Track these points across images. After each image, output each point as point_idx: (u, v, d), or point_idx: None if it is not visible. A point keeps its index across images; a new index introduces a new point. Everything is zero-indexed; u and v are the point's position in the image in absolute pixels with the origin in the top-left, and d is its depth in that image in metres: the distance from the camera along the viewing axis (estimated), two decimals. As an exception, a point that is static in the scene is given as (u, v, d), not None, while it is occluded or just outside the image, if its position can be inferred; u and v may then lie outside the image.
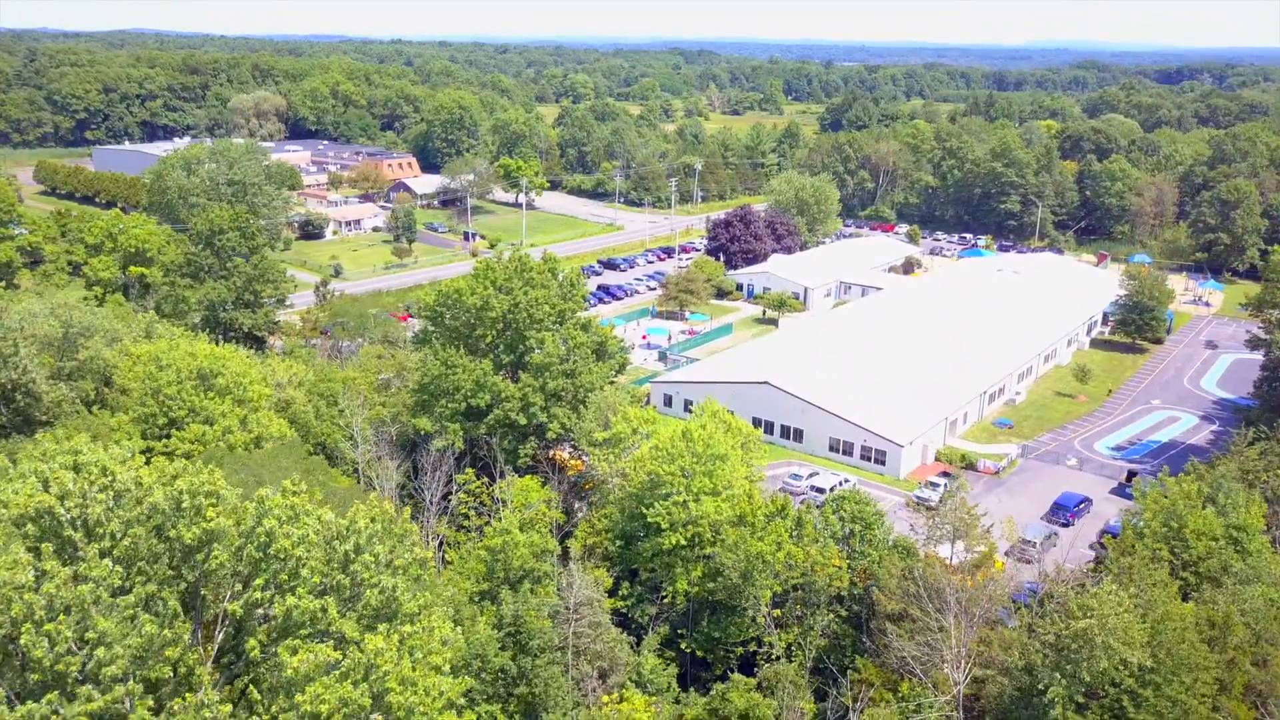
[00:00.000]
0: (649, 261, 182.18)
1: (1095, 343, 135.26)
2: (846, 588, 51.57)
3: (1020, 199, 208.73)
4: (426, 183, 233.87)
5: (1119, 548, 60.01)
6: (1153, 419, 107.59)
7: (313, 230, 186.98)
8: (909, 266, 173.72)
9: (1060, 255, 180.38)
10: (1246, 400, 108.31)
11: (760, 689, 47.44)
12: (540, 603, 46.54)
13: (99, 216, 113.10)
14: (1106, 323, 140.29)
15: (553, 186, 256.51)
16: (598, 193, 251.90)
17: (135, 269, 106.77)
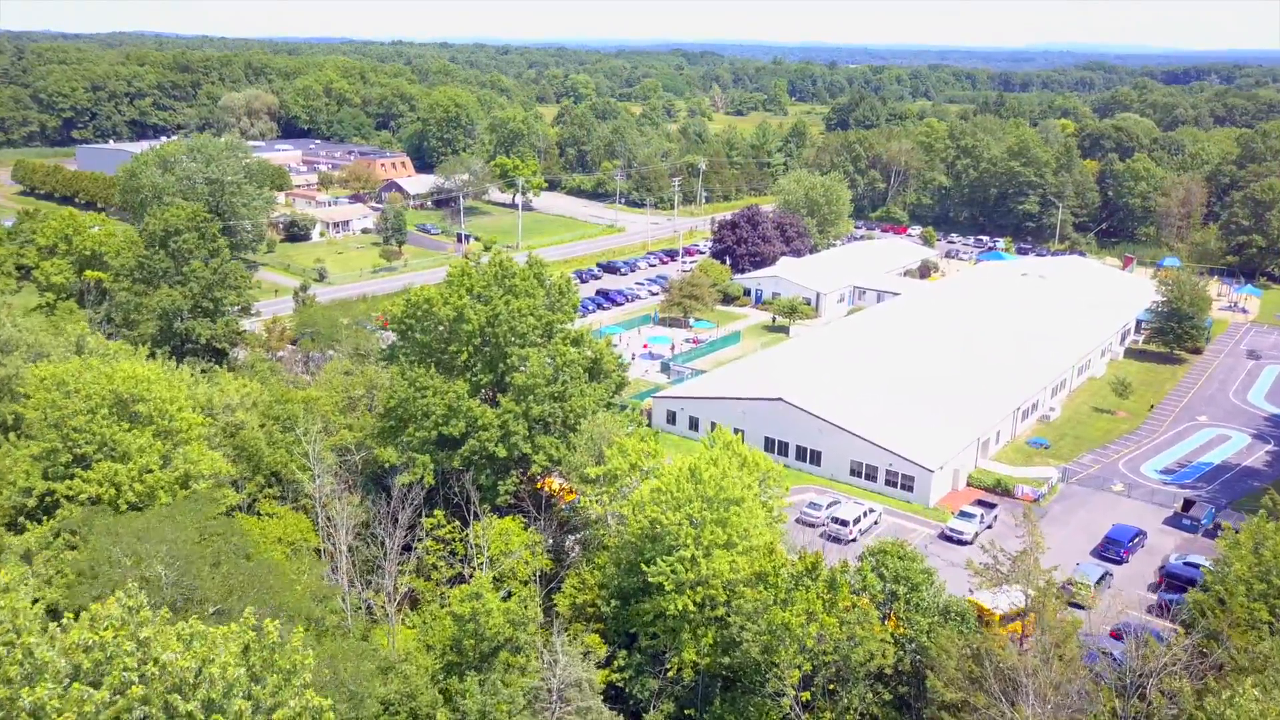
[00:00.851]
0: (651, 265, 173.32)
1: (1129, 352, 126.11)
2: (891, 664, 42.55)
3: (1039, 199, 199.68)
4: (420, 183, 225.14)
5: (1203, 604, 51.02)
6: (1201, 438, 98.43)
7: (298, 232, 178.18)
8: (925, 270, 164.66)
9: (1085, 258, 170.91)
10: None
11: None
12: (513, 694, 37.64)
13: (55, 216, 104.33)
14: (1140, 331, 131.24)
15: (551, 187, 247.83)
16: (598, 193, 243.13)
17: (92, 273, 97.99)
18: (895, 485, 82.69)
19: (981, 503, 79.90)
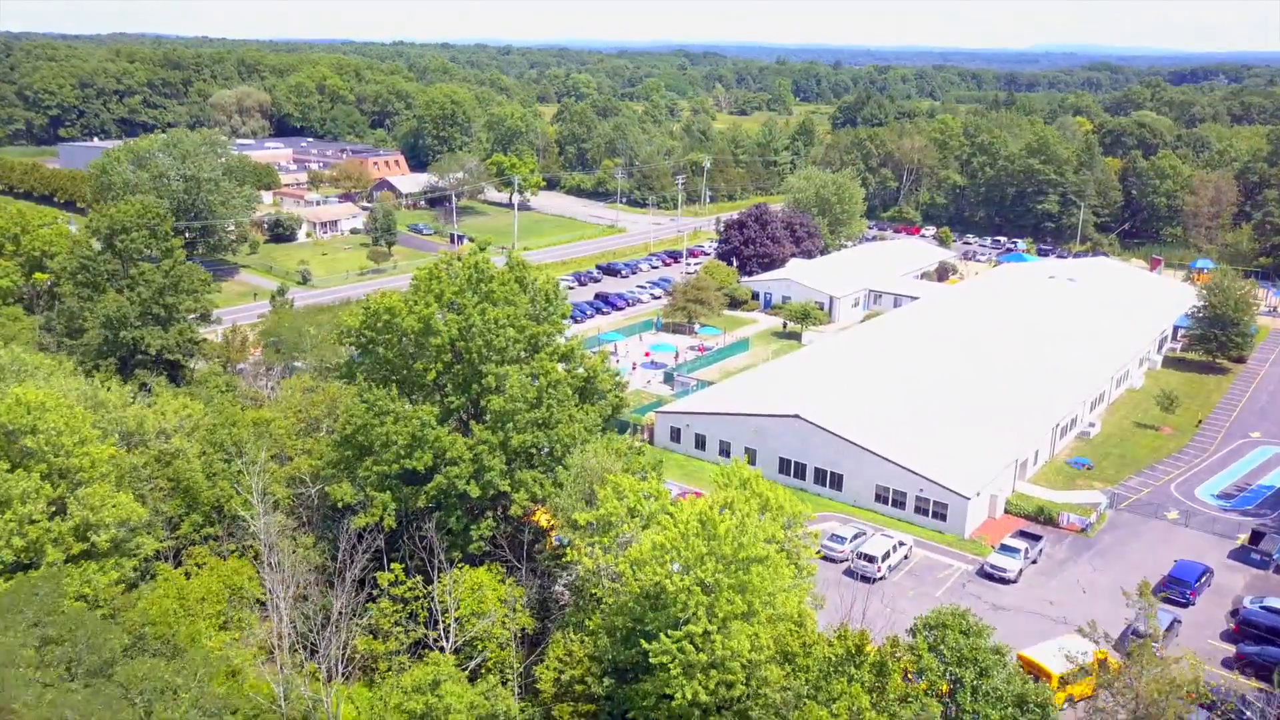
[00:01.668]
0: (653, 267, 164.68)
1: (1167, 361, 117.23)
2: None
3: (1059, 199, 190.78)
4: (413, 181, 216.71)
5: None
6: (1257, 457, 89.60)
7: (283, 232, 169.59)
8: (943, 272, 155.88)
9: (1112, 260, 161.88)
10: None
11: None
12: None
13: (0, 213, 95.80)
14: (1177, 338, 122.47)
15: (550, 186, 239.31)
16: (598, 192, 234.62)
17: (42, 275, 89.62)
18: (926, 513, 73.96)
19: (1024, 534, 71.12)
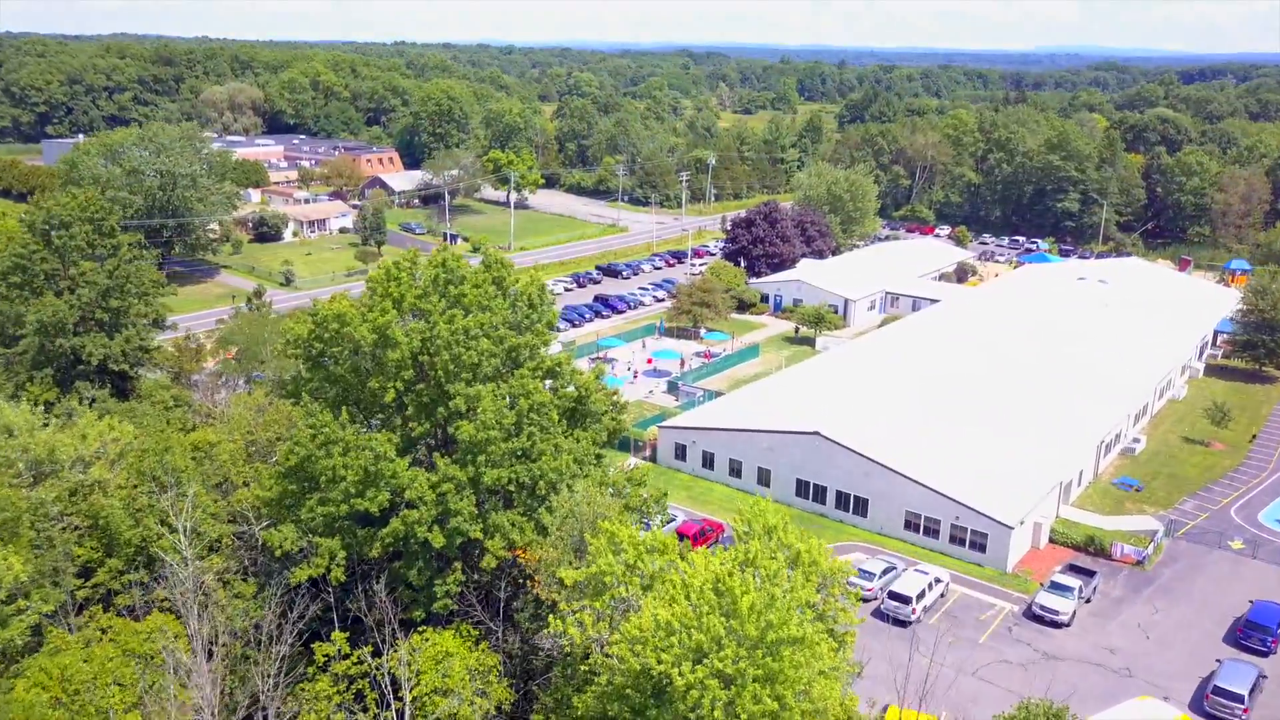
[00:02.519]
0: (656, 268, 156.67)
1: (1209, 369, 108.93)
2: None
3: (1079, 197, 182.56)
4: (407, 179, 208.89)
5: None
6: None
7: (268, 231, 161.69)
8: (962, 273, 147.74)
9: (1141, 261, 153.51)
10: None
11: None
12: None
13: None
14: (1216, 344, 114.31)
15: (549, 184, 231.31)
16: (599, 190, 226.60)
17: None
18: (963, 544, 65.81)
19: (1076, 569, 62.97)
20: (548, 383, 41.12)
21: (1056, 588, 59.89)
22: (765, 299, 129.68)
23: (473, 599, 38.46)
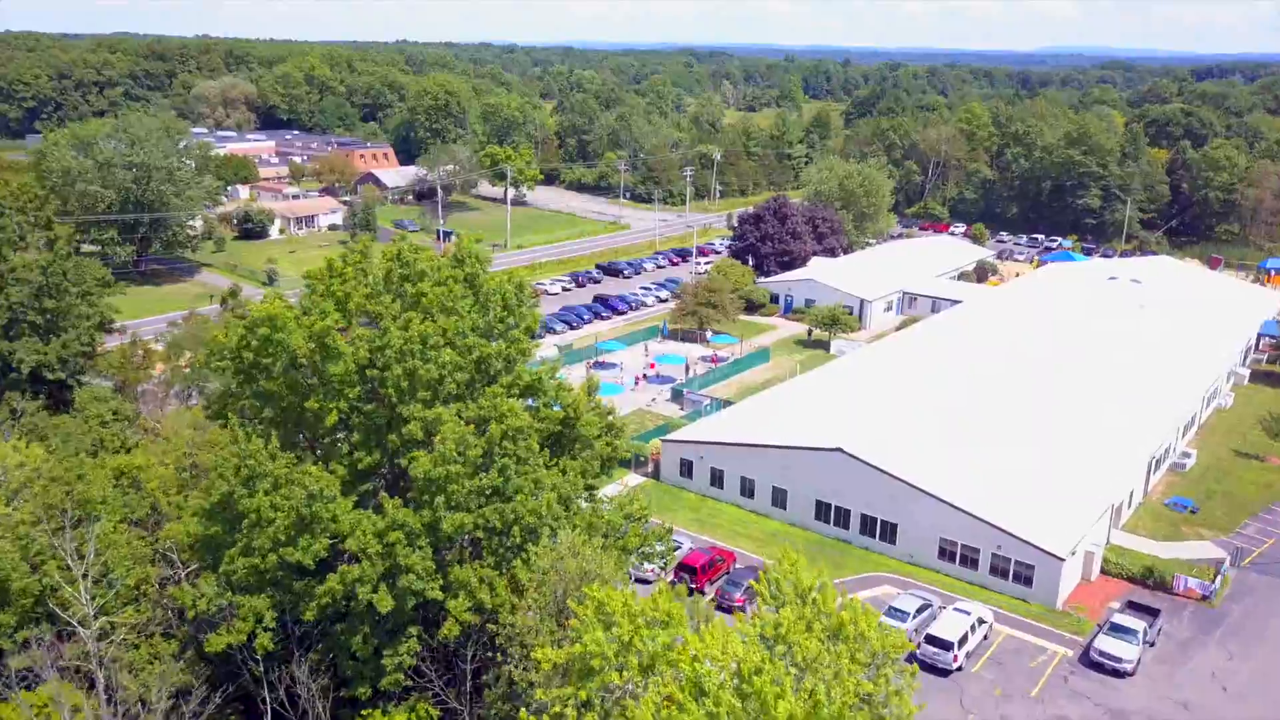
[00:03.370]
0: (659, 267, 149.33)
1: (1254, 375, 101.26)
2: None
3: (1101, 193, 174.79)
4: (401, 175, 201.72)
5: None
6: (1394, 496, 73.74)
7: (254, 228, 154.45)
8: (982, 273, 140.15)
9: (1172, 259, 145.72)
10: None
11: None
12: None
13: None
14: (1260, 347, 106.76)
15: (549, 180, 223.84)
16: (600, 187, 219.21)
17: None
18: (1006, 576, 58.28)
19: (1137, 606, 55.38)
20: (529, 401, 33.66)
21: (1118, 630, 52.31)
22: (775, 299, 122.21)
23: (431, 672, 30.99)
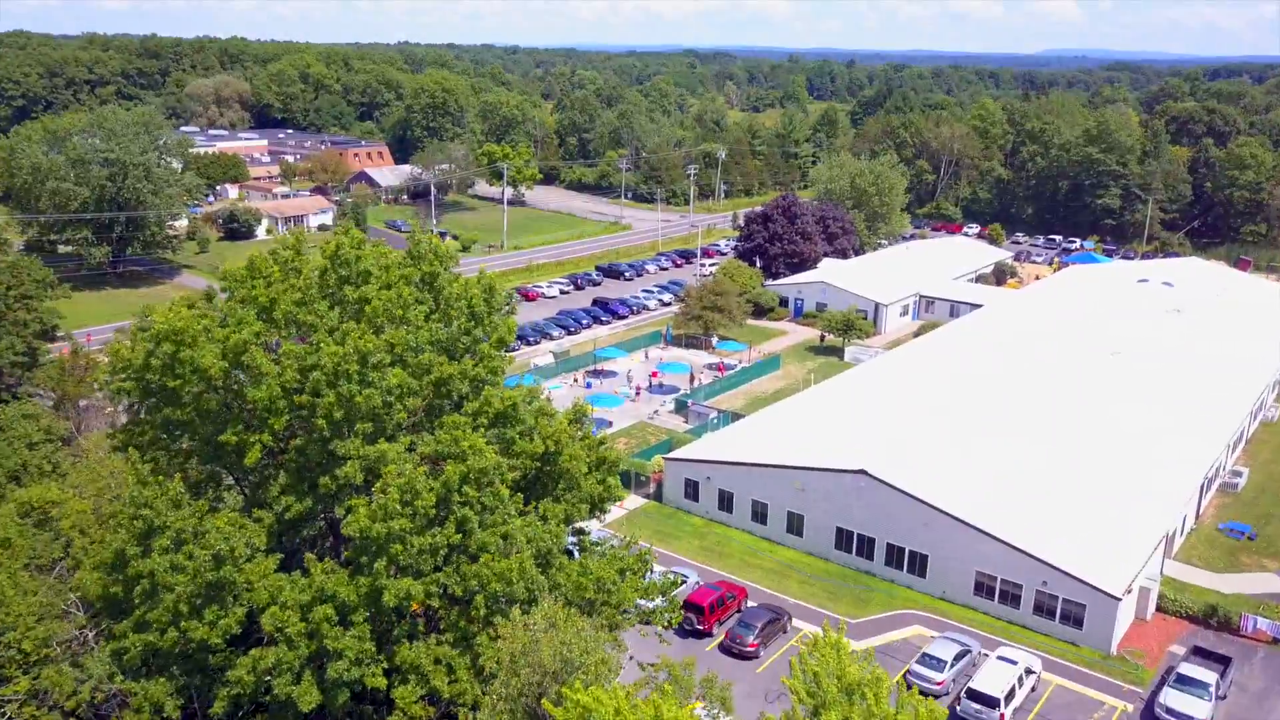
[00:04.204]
0: (662, 268, 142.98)
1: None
2: None
3: (1120, 192, 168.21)
4: (395, 174, 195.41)
5: None
6: None
7: (240, 228, 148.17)
8: (1001, 275, 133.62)
9: (1201, 261, 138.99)
10: None
11: None
12: None
13: None
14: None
15: (548, 179, 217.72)
16: (601, 186, 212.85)
17: None
18: (1053, 616, 51.75)
19: (1204, 653, 48.81)
20: (493, 432, 27.19)
21: (1185, 682, 45.78)
22: (784, 303, 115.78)
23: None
